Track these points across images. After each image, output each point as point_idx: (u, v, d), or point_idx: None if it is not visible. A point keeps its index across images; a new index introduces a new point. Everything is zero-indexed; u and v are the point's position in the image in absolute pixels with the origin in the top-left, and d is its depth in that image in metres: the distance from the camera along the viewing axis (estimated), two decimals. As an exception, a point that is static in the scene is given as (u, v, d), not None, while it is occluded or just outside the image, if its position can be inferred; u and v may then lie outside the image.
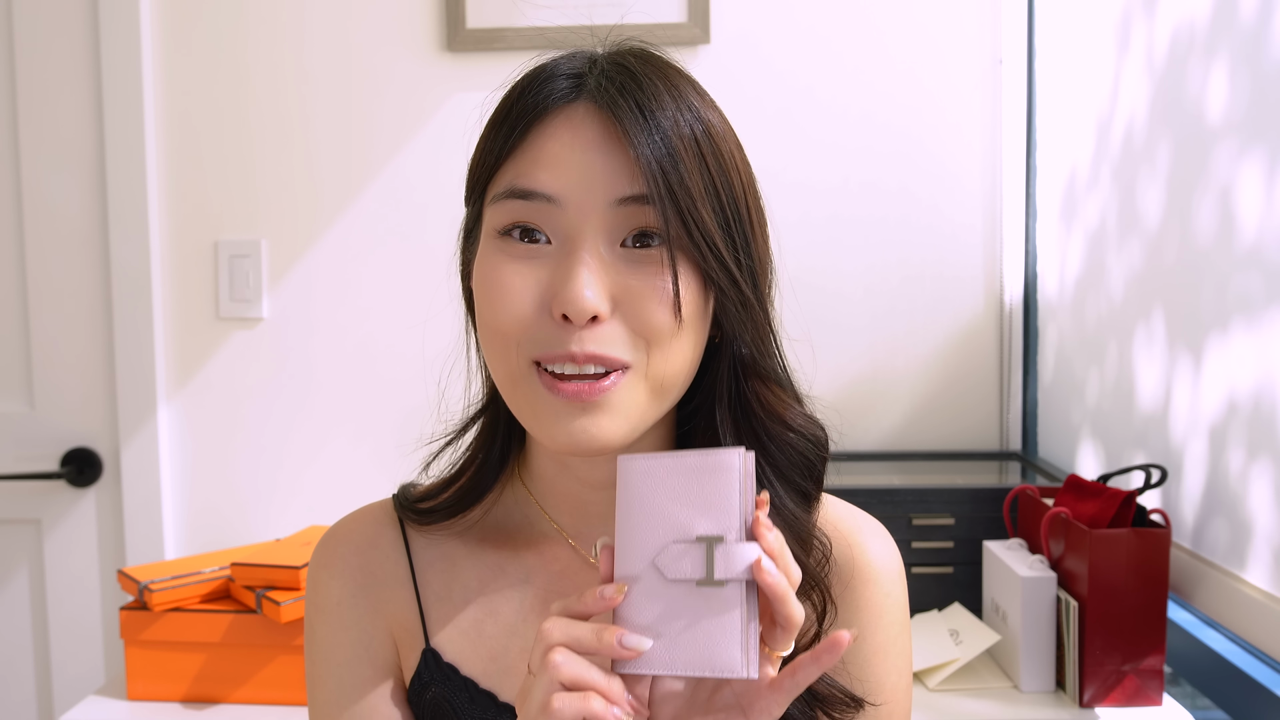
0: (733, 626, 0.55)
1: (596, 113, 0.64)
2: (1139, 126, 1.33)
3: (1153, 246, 1.29)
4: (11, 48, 1.79)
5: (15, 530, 1.85)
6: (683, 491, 0.57)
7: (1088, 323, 1.51)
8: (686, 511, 0.57)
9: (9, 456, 1.83)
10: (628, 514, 0.58)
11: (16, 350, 1.83)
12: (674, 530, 0.57)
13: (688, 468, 0.57)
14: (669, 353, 0.64)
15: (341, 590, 0.75)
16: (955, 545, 1.43)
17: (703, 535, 0.56)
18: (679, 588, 0.56)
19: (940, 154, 1.73)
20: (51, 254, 1.81)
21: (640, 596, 0.57)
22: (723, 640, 0.55)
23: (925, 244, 1.74)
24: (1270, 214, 1.04)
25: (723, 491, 0.56)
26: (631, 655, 0.56)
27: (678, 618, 0.56)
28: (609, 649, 0.55)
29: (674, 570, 0.56)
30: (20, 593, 1.86)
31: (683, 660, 0.56)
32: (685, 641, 0.56)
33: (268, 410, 1.81)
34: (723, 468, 0.57)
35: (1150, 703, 1.18)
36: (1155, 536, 1.16)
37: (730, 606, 0.55)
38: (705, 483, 0.57)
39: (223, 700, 1.36)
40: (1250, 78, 1.07)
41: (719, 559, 0.55)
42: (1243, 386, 1.09)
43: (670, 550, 0.56)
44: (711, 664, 0.55)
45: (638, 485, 0.58)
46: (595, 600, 0.56)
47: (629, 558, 0.58)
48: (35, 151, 1.80)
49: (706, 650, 0.55)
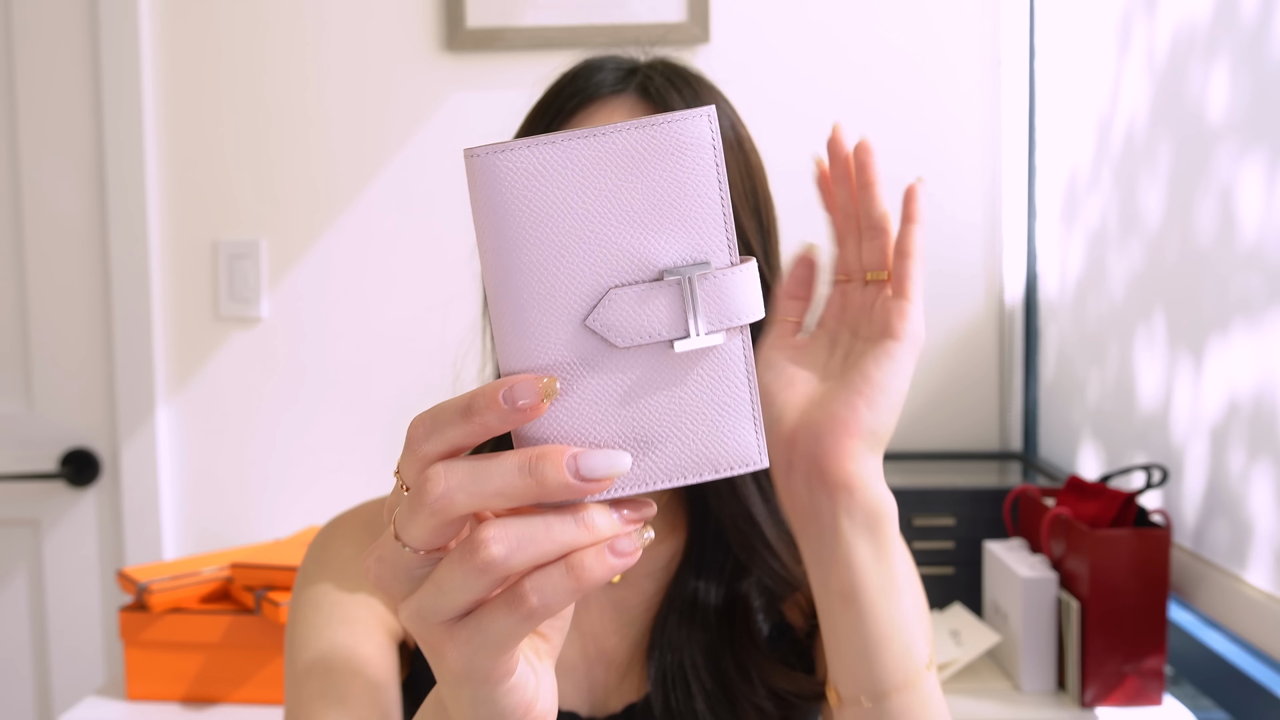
0: (736, 396, 0.38)
1: (644, 104, 0.66)
2: (1140, 126, 1.33)
3: (1154, 246, 1.29)
4: (11, 47, 1.79)
5: (14, 530, 1.85)
6: (617, 197, 0.37)
7: (1089, 323, 1.51)
8: (630, 230, 0.37)
9: (7, 456, 1.82)
10: (519, 251, 0.36)
11: (15, 350, 1.83)
12: (615, 265, 0.37)
13: (618, 155, 0.36)
14: None
15: (353, 553, 0.75)
16: (956, 546, 1.42)
17: (671, 266, 0.37)
18: (638, 358, 0.37)
19: (943, 150, 1.73)
20: (50, 253, 1.80)
21: (579, 389, 0.37)
22: (725, 419, 0.38)
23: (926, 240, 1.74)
24: (1271, 214, 1.04)
25: (694, 184, 0.37)
26: (598, 487, 0.36)
27: (646, 406, 0.37)
28: (557, 488, 0.36)
29: (627, 330, 0.37)
30: (19, 593, 1.85)
31: (668, 466, 0.38)
32: (669, 438, 0.38)
33: (267, 410, 1.81)
34: (686, 143, 0.37)
35: (1151, 703, 1.18)
36: (1156, 537, 1.16)
37: (729, 369, 0.38)
38: (658, 175, 0.37)
39: (222, 700, 1.35)
40: (1251, 78, 1.07)
41: (704, 299, 0.37)
42: (1244, 387, 1.09)
43: (615, 300, 0.37)
44: (714, 459, 0.38)
45: (531, 200, 0.36)
46: (501, 411, 0.35)
47: (537, 325, 0.37)
48: (34, 150, 1.79)
49: (702, 441, 0.38)
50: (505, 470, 0.36)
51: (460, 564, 0.36)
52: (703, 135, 0.37)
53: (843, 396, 0.54)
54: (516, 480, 0.36)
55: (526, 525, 0.36)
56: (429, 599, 0.37)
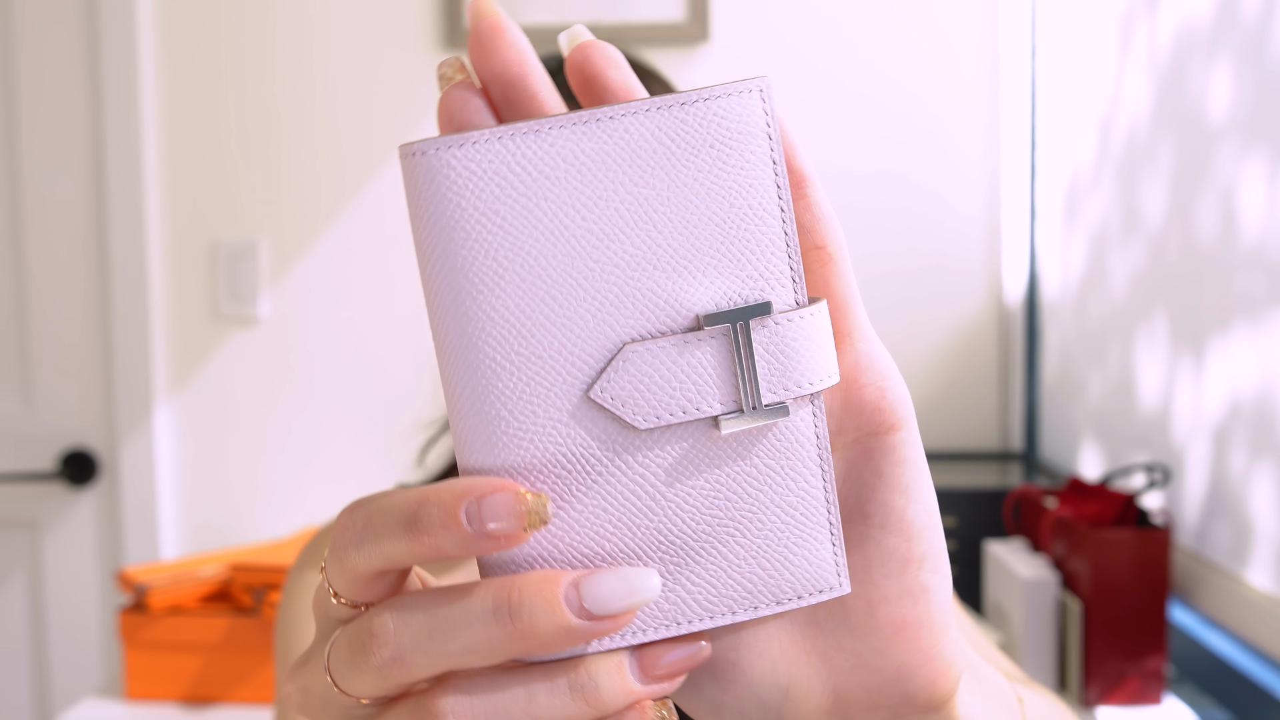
0: (808, 495, 0.27)
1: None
2: (1141, 125, 1.33)
3: (1155, 246, 1.29)
4: (10, 46, 1.79)
5: (12, 531, 1.84)
6: (631, 212, 0.25)
7: (1090, 322, 1.51)
8: (651, 258, 0.25)
9: (5, 456, 1.82)
10: (485, 290, 0.25)
11: (13, 349, 1.83)
12: (630, 310, 0.25)
13: (632, 150, 0.25)
14: None
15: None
16: (957, 546, 1.42)
17: (714, 309, 0.26)
18: (667, 444, 0.26)
19: (943, 150, 1.73)
20: (50, 252, 1.80)
21: (581, 495, 0.26)
22: (792, 528, 0.27)
23: (927, 241, 1.74)
24: (1273, 214, 1.04)
25: (743, 190, 0.26)
26: (613, 625, 0.25)
27: (677, 514, 0.26)
28: (553, 636, 0.25)
29: (651, 404, 0.25)
30: (17, 593, 1.85)
31: (709, 598, 0.26)
32: (708, 557, 0.26)
33: (266, 410, 1.80)
34: (731, 131, 0.26)
35: (1152, 703, 1.18)
36: (1157, 537, 1.16)
37: (797, 455, 0.27)
38: (689, 179, 0.25)
39: (222, 700, 1.35)
40: (1253, 77, 1.07)
41: (764, 355, 0.26)
42: (1245, 387, 1.09)
43: (632, 360, 0.25)
44: (776, 585, 0.27)
45: (502, 217, 0.25)
46: (461, 535, 0.25)
47: (515, 401, 0.25)
48: (33, 149, 1.79)
49: (759, 560, 0.27)
50: (475, 617, 0.25)
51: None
52: (752, 118, 0.25)
53: (885, 582, 0.29)
54: (492, 632, 0.25)
55: (498, 697, 0.26)
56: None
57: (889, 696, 0.29)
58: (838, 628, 0.29)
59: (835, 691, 0.29)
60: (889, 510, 0.28)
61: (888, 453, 0.29)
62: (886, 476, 0.29)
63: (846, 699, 0.29)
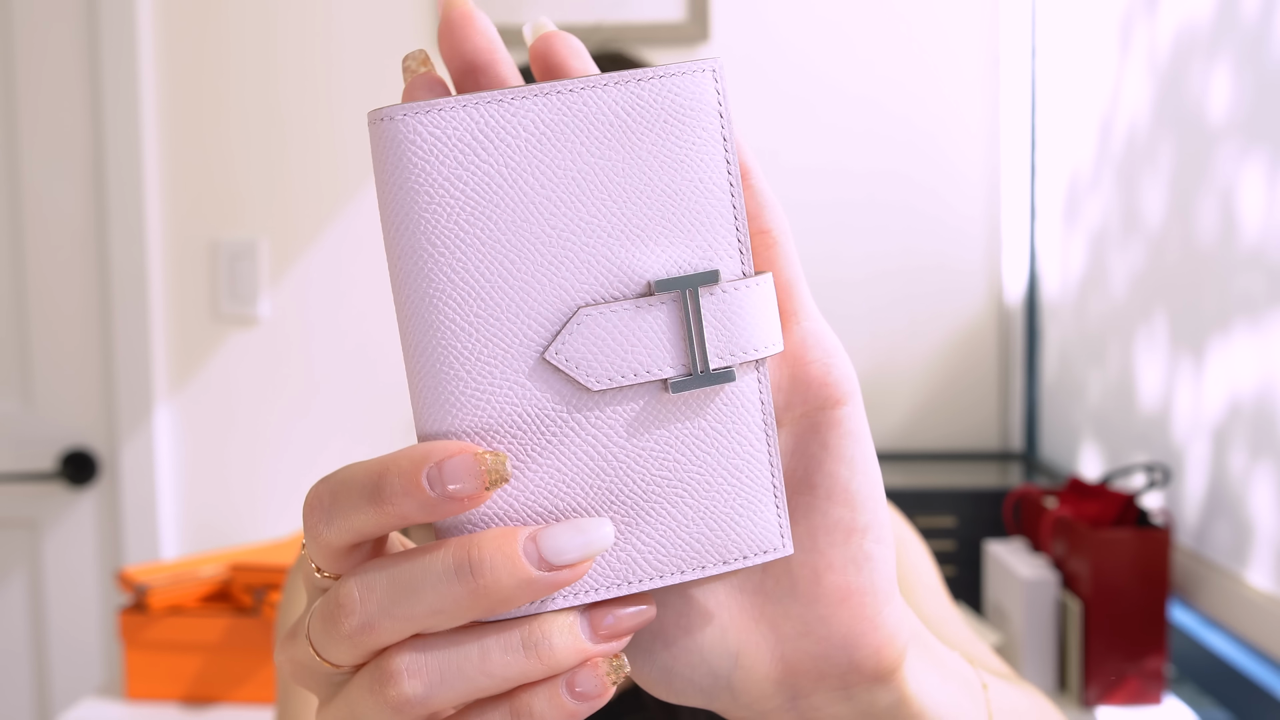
0: (751, 457, 0.28)
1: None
2: (1141, 126, 1.33)
3: (1155, 246, 1.29)
4: (10, 46, 1.79)
5: (12, 531, 1.84)
6: (588, 181, 0.27)
7: (1090, 322, 1.51)
8: (607, 226, 0.27)
9: (5, 456, 1.82)
10: (445, 254, 0.26)
11: (13, 349, 1.83)
12: (585, 275, 0.27)
13: (590, 121, 0.26)
14: None
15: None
16: (957, 546, 1.42)
17: (665, 276, 0.27)
18: (619, 405, 0.27)
19: (944, 145, 1.73)
20: (49, 252, 1.80)
21: (537, 454, 0.27)
22: (737, 489, 0.28)
23: (927, 241, 1.74)
24: (1273, 214, 1.04)
25: (693, 164, 0.27)
26: (573, 575, 0.26)
27: (628, 474, 0.27)
28: (514, 589, 0.26)
29: (604, 366, 0.27)
30: (17, 593, 1.85)
31: (657, 558, 0.28)
32: (657, 518, 0.27)
33: (266, 410, 1.80)
34: (682, 107, 0.27)
35: (1152, 703, 1.18)
36: (1157, 537, 1.16)
37: (742, 419, 0.28)
38: (643, 151, 0.27)
39: (222, 700, 1.35)
40: (1253, 78, 1.07)
41: (712, 321, 0.27)
42: (1245, 387, 1.09)
43: (587, 324, 0.26)
44: (722, 545, 0.28)
45: (464, 181, 0.26)
46: (423, 499, 0.25)
47: (473, 362, 0.26)
48: (33, 149, 1.79)
49: (706, 520, 0.28)
50: (438, 577, 0.25)
51: (369, 694, 0.27)
52: (704, 96, 0.27)
53: (830, 550, 0.30)
54: (455, 590, 0.25)
55: (452, 654, 0.26)
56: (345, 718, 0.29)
57: (836, 664, 0.30)
58: (785, 596, 0.30)
59: (784, 659, 0.30)
60: (834, 481, 0.30)
61: (833, 426, 0.30)
62: (832, 449, 0.30)
63: (795, 667, 0.30)
